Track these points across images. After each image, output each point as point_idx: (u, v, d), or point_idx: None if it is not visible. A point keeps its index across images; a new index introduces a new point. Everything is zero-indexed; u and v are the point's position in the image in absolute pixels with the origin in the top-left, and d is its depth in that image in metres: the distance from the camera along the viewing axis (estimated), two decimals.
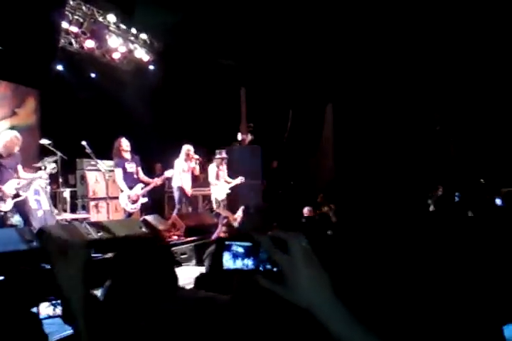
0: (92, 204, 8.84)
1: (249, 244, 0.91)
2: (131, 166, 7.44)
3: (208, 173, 8.75)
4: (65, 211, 8.68)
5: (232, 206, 9.37)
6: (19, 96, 9.72)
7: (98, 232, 5.94)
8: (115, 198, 7.85)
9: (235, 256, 0.91)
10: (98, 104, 10.18)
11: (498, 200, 5.55)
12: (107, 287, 2.03)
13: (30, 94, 9.88)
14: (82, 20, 9.90)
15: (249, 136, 11.29)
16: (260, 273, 0.89)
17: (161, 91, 11.08)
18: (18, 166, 6.38)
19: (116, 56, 10.82)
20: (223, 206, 8.74)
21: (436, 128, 11.63)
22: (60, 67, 10.04)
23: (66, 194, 8.81)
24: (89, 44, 10.17)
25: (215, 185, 8.72)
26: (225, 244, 0.92)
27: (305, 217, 7.23)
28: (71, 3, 9.49)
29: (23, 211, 6.38)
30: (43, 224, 6.96)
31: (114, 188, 7.96)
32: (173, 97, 11.27)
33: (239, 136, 11.29)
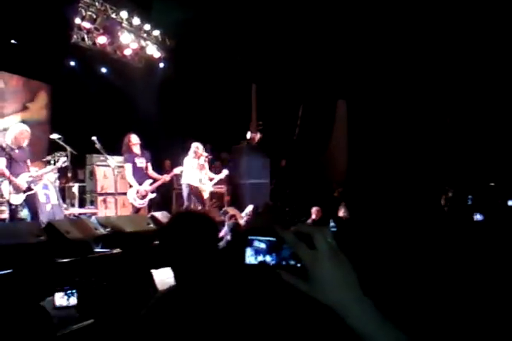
0: (100, 199, 8.86)
1: (272, 239, 0.88)
2: (141, 161, 7.45)
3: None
4: (73, 206, 8.72)
5: (239, 204, 9.38)
6: (31, 90, 9.79)
7: (106, 227, 5.95)
8: (123, 194, 7.86)
9: (257, 252, 0.89)
10: (109, 100, 10.20)
11: (510, 202, 5.51)
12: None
13: (41, 88, 9.95)
14: (95, 16, 9.93)
15: (259, 135, 11.27)
16: (283, 268, 0.86)
17: (171, 88, 11.09)
18: (28, 160, 6.45)
19: (127, 52, 10.84)
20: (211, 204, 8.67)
21: (447, 130, 11.56)
22: (72, 62, 10.08)
23: (75, 189, 8.85)
24: (102, 40, 10.19)
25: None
26: (248, 239, 0.89)
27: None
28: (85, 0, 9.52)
29: (32, 205, 6.41)
30: (51, 218, 7.00)
31: (123, 184, 7.98)
32: (183, 94, 11.28)
33: (248, 135, 11.28)
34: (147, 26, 10.82)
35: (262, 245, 0.88)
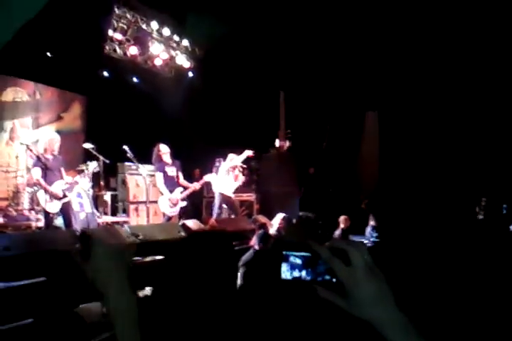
0: (132, 207, 9.00)
1: (308, 255, 0.89)
2: (172, 170, 7.54)
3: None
4: (105, 214, 8.86)
5: (269, 212, 9.37)
6: (65, 101, 10.06)
7: (138, 236, 6.03)
8: (155, 202, 7.96)
9: (293, 267, 0.89)
10: (140, 110, 10.38)
11: None
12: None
13: (76, 99, 10.22)
14: (126, 27, 10.15)
15: (288, 143, 11.26)
16: (319, 284, 0.86)
17: (200, 97, 11.21)
18: (61, 169, 6.61)
19: (158, 62, 11.03)
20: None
21: (478, 138, 11.37)
22: (105, 73, 10.32)
23: (107, 197, 9.01)
24: (133, 51, 10.40)
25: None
26: (283, 254, 0.90)
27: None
28: (116, 12, 9.74)
29: (67, 213, 6.55)
30: (85, 226, 7.13)
31: (154, 192, 8.09)
32: (212, 103, 11.39)
33: (277, 143, 11.28)
34: (177, 37, 11.00)
35: (298, 260, 0.89)
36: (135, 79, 11.04)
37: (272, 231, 7.14)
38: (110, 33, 9.84)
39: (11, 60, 7.79)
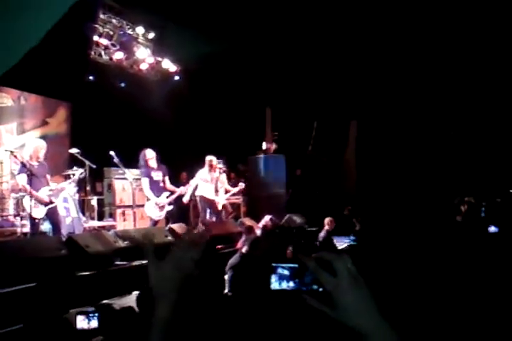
0: (118, 211, 9.00)
1: (295, 266, 0.95)
2: (158, 174, 7.58)
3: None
4: (92, 218, 8.84)
5: (256, 215, 9.43)
6: (51, 106, 10.01)
7: (124, 240, 6.06)
8: (141, 206, 7.99)
9: (281, 278, 0.95)
10: (126, 114, 10.37)
11: None
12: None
13: (61, 104, 10.17)
14: (111, 32, 10.16)
15: (274, 145, 11.34)
16: (307, 294, 0.91)
17: (186, 101, 11.24)
18: (47, 175, 6.61)
19: (143, 67, 11.04)
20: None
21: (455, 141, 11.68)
22: (90, 78, 10.29)
23: (94, 202, 8.98)
24: (118, 55, 10.41)
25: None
26: (272, 266, 0.96)
27: None
28: (101, 17, 9.75)
29: (53, 218, 6.55)
30: (71, 231, 7.14)
31: (141, 196, 8.12)
32: (199, 107, 11.43)
33: (264, 145, 11.36)
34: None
35: (286, 272, 0.95)
36: (122, 84, 11.03)
37: (258, 232, 7.20)
38: (96, 38, 9.84)
39: None
